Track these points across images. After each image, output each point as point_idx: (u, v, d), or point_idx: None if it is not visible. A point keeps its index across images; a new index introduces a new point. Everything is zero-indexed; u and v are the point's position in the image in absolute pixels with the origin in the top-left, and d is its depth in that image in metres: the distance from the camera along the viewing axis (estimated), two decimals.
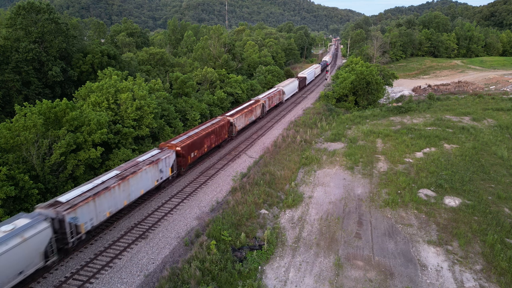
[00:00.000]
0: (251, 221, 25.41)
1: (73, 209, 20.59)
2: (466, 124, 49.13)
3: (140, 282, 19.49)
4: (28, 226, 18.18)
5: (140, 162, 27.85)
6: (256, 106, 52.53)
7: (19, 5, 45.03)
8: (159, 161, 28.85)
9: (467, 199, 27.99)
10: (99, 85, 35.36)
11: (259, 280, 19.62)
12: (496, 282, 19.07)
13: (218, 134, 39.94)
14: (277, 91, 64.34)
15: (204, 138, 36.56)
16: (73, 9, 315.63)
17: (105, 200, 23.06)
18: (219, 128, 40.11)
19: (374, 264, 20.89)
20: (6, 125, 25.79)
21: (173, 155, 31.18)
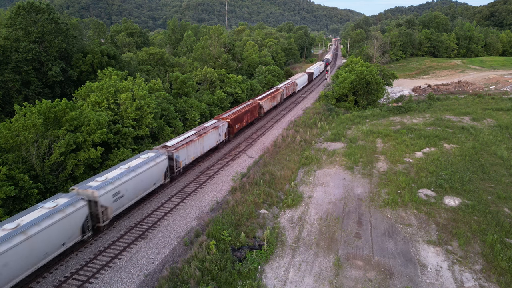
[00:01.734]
0: (250, 221, 25.40)
1: (177, 150, 31.45)
2: (466, 124, 49.14)
3: (140, 282, 19.49)
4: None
5: (207, 126, 39.20)
6: (277, 94, 63.48)
7: (19, 5, 45.04)
8: (218, 127, 39.90)
9: (467, 199, 27.99)
10: (99, 85, 35.36)
11: (258, 280, 19.61)
12: (495, 282, 19.07)
13: (252, 113, 50.83)
14: (291, 83, 75.25)
15: (244, 115, 47.28)
16: (73, 9, 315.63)
17: (191, 148, 34.02)
18: (252, 108, 50.80)
19: (374, 264, 20.89)
20: (6, 125, 25.80)
21: (226, 124, 42.12)
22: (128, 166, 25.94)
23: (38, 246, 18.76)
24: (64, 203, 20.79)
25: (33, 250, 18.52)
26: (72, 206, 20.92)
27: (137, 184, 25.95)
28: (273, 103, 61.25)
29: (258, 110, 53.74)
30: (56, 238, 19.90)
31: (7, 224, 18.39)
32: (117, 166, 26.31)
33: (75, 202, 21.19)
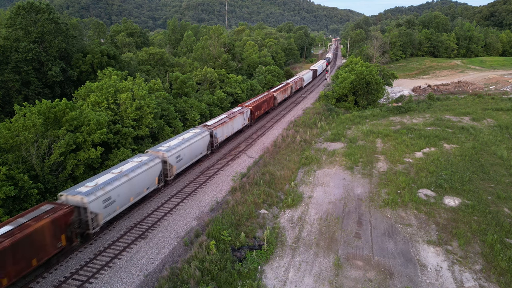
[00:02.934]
0: (250, 221, 25.40)
1: (215, 128, 39.14)
2: (466, 124, 49.14)
3: (140, 282, 19.48)
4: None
5: (235, 111, 46.69)
6: (288, 87, 71.34)
7: (19, 5, 45.02)
8: (243, 113, 47.41)
9: (467, 199, 27.99)
10: (99, 85, 35.35)
11: (258, 280, 19.61)
12: (495, 282, 19.07)
13: (268, 103, 58.80)
14: (299, 78, 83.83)
15: (262, 104, 55.21)
16: (73, 9, 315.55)
17: (225, 128, 41.45)
18: (268, 99, 58.78)
19: (374, 264, 20.89)
20: (5, 125, 25.79)
21: (249, 111, 49.83)
22: (182, 138, 34.06)
23: (135, 185, 26.11)
24: (146, 160, 28.05)
25: (132, 186, 25.85)
26: (152, 161, 28.25)
27: (192, 151, 34.33)
28: (285, 95, 69.65)
29: (273, 101, 61.62)
30: (144, 182, 27.24)
31: (113, 169, 25.83)
32: (176, 136, 34.98)
33: (154, 159, 28.66)
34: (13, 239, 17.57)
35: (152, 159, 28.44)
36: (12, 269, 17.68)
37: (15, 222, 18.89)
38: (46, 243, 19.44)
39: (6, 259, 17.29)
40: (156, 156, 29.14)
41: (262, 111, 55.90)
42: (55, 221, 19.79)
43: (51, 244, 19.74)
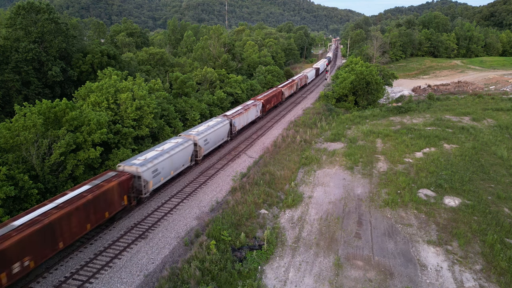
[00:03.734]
0: (251, 221, 25.40)
1: (234, 118, 43.93)
2: (466, 124, 49.14)
3: (140, 282, 19.48)
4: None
5: (249, 104, 52.10)
6: (294, 84, 76.83)
7: (19, 5, 45.03)
8: (256, 105, 52.47)
9: (467, 199, 28.00)
10: (99, 85, 35.35)
11: (259, 280, 19.61)
12: (496, 282, 19.07)
13: (277, 97, 63.50)
14: (303, 75, 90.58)
15: (272, 98, 60.21)
16: (73, 9, 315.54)
17: (241, 118, 46.26)
18: (277, 94, 63.74)
19: (374, 264, 20.89)
20: (6, 125, 25.79)
21: (261, 104, 54.71)
22: (208, 125, 39.13)
23: (172, 161, 30.50)
24: (181, 141, 32.68)
25: (173, 162, 30.56)
26: (186, 143, 33.03)
27: (216, 137, 39.23)
28: (291, 91, 75.24)
29: (281, 96, 66.43)
30: (180, 159, 31.94)
31: (156, 147, 30.63)
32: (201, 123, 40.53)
33: (187, 141, 33.60)
34: (94, 194, 22.33)
35: (186, 141, 33.44)
36: (93, 217, 22.39)
37: (91, 183, 23.53)
38: (114, 200, 24.32)
39: (89, 209, 21.97)
40: (189, 139, 34.11)
41: (272, 104, 61.14)
42: (120, 184, 24.66)
43: (117, 201, 24.63)
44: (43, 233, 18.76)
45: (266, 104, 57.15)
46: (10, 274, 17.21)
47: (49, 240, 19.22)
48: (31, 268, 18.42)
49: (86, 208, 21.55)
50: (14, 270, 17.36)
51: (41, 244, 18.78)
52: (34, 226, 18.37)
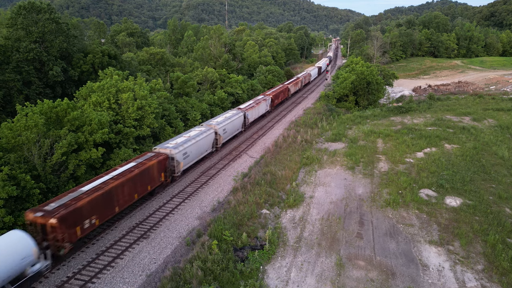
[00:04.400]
0: (252, 221, 25.42)
1: (247, 111, 48.30)
2: (467, 124, 49.17)
3: (142, 282, 19.50)
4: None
5: (259, 98, 56.08)
6: (298, 81, 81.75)
7: (20, 5, 44.98)
8: (266, 100, 57.15)
9: (468, 199, 28.02)
10: (100, 85, 35.35)
11: (260, 280, 19.63)
12: (497, 282, 19.09)
13: (284, 93, 68.27)
14: (307, 74, 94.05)
15: (279, 94, 64.64)
16: (73, 9, 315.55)
17: (253, 111, 50.89)
18: (284, 90, 68.29)
19: (376, 264, 20.91)
20: (7, 125, 25.79)
21: (270, 99, 59.22)
22: (225, 116, 43.18)
23: (198, 146, 34.91)
24: (204, 129, 37.28)
25: (198, 148, 34.97)
26: (208, 131, 37.25)
27: (232, 127, 43.46)
28: (297, 87, 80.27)
29: (287, 92, 71.22)
30: (205, 144, 36.63)
31: (184, 134, 35.30)
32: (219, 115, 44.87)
33: (209, 129, 37.84)
34: (140, 169, 26.50)
35: (208, 130, 37.66)
36: (139, 189, 26.67)
37: (135, 161, 27.73)
38: (155, 176, 28.51)
39: (137, 181, 26.16)
40: (210, 128, 38.34)
41: (280, 99, 65.67)
42: (159, 162, 28.83)
43: (157, 177, 28.86)
44: (105, 197, 23.06)
45: (275, 99, 61.88)
46: (82, 228, 21.43)
47: (109, 203, 23.55)
48: (96, 225, 22.62)
49: (134, 180, 25.81)
50: (85, 225, 21.63)
51: (104, 206, 23.04)
52: (98, 191, 22.60)
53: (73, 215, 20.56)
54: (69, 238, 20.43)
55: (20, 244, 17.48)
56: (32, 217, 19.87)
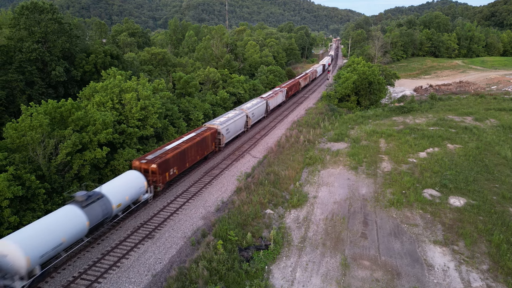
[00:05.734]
0: (256, 221, 25.46)
1: (269, 99, 57.26)
2: (469, 124, 49.18)
3: (148, 281, 19.55)
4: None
5: (277, 90, 65.45)
6: (307, 76, 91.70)
7: (23, 5, 45.01)
8: (282, 91, 66.03)
9: (472, 199, 28.05)
10: (104, 85, 35.38)
11: (266, 280, 19.67)
12: (503, 282, 19.12)
13: (296, 87, 77.99)
14: (313, 70, 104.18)
15: (292, 87, 74.48)
16: (73, 9, 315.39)
17: (273, 100, 59.45)
18: (296, 83, 78.49)
19: (381, 264, 20.94)
20: (12, 125, 25.82)
21: (285, 90, 68.00)
22: (252, 103, 51.66)
23: (235, 125, 43.21)
24: (238, 112, 45.36)
25: (236, 126, 43.24)
26: (242, 114, 45.71)
27: (258, 112, 51.70)
28: (305, 82, 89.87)
29: (298, 85, 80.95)
30: (240, 125, 44.96)
31: (223, 115, 44.02)
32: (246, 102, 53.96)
33: (242, 112, 46.17)
34: (200, 137, 35.03)
35: (241, 113, 45.98)
36: (200, 152, 35.02)
37: (195, 132, 36.53)
38: (209, 144, 37.20)
39: (198, 147, 34.56)
40: (243, 111, 46.69)
41: (293, 91, 75.21)
42: (212, 134, 37.66)
43: (210, 145, 37.66)
44: (181, 155, 31.35)
45: (289, 91, 71.05)
46: (169, 174, 29.78)
47: (183, 160, 31.85)
48: (176, 174, 30.97)
49: (197, 145, 34.17)
50: (170, 172, 29.98)
51: (180, 161, 31.34)
52: (177, 149, 31.04)
53: (164, 164, 28.72)
54: (162, 180, 28.77)
55: (138, 179, 26.31)
56: (138, 164, 27.89)
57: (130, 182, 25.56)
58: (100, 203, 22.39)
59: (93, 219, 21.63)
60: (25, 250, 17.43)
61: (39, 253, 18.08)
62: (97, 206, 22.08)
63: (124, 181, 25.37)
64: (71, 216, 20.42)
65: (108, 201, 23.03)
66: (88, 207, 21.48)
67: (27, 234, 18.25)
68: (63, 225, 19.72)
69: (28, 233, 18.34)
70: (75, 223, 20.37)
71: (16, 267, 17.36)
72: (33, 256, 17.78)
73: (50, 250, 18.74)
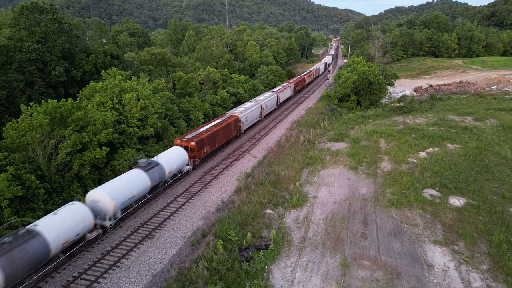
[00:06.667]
0: (256, 221, 25.46)
1: (279, 93, 63.36)
2: (469, 124, 49.18)
3: (148, 281, 19.54)
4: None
5: (285, 85, 70.33)
6: (311, 74, 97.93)
7: (23, 5, 45.02)
8: (290, 86, 71.68)
9: (472, 199, 28.05)
10: (104, 85, 35.39)
11: (266, 280, 19.67)
12: (503, 282, 19.12)
13: (301, 83, 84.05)
14: (316, 68, 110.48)
15: (298, 83, 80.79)
16: (73, 9, 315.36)
17: (283, 94, 65.25)
18: (302, 80, 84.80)
19: (381, 264, 20.94)
20: (12, 125, 25.85)
21: (293, 85, 73.85)
22: (265, 96, 58.18)
23: (252, 114, 48.91)
24: (254, 104, 51.07)
25: (253, 115, 48.89)
26: (257, 105, 51.21)
27: (270, 104, 57.89)
28: (310, 79, 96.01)
29: (304, 82, 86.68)
30: (256, 114, 50.45)
31: (241, 105, 50.02)
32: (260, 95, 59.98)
33: (257, 104, 51.56)
34: (226, 122, 41.00)
35: (257, 104, 51.76)
36: (225, 136, 40.93)
37: (220, 119, 41.95)
38: (232, 129, 43.05)
39: (224, 131, 40.48)
40: (257, 103, 52.28)
41: (299, 87, 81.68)
42: (234, 121, 43.50)
43: (233, 130, 43.49)
44: (212, 136, 37.46)
45: (296, 86, 77.17)
46: (203, 151, 35.78)
47: (213, 140, 37.85)
48: (208, 152, 37.05)
49: (223, 129, 40.00)
50: (205, 150, 36.02)
51: (211, 142, 37.38)
52: (209, 132, 37.06)
53: (201, 142, 34.84)
54: (199, 156, 34.85)
55: (182, 153, 32.31)
56: (180, 141, 34.18)
57: (176, 155, 31.45)
58: (157, 168, 28.15)
59: (153, 180, 27.42)
60: (112, 197, 23.10)
61: (120, 200, 23.85)
62: (155, 171, 27.89)
63: (172, 154, 31.19)
64: (139, 176, 26.24)
65: (163, 168, 28.81)
66: (149, 171, 27.19)
67: (111, 186, 23.98)
68: (134, 182, 25.59)
69: (111, 186, 24.04)
70: (142, 182, 26.25)
71: (106, 210, 23.05)
72: (117, 202, 23.57)
73: (127, 200, 24.65)
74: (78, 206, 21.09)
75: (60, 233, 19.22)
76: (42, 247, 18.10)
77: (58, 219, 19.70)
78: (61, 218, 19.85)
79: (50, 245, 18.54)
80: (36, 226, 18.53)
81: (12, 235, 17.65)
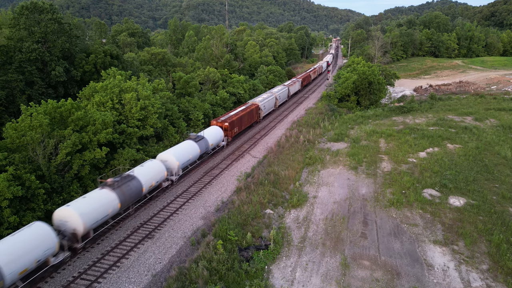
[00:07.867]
0: (256, 221, 25.46)
1: (290, 86, 72.10)
2: (469, 124, 49.19)
3: (148, 281, 19.55)
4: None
5: (294, 80, 79.81)
6: (315, 70, 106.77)
7: (22, 5, 44.98)
8: (299, 81, 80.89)
9: (472, 199, 28.06)
10: (103, 85, 35.36)
11: (266, 279, 19.67)
12: (503, 282, 19.13)
13: (307, 79, 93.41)
14: (319, 66, 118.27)
15: (305, 78, 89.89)
16: (73, 9, 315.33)
17: (292, 88, 73.70)
18: (307, 76, 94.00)
19: (381, 263, 20.95)
20: (12, 125, 25.81)
21: (300, 80, 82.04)
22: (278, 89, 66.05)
23: (269, 104, 57.68)
24: (269, 95, 59.25)
25: (269, 104, 57.81)
26: (272, 96, 59.45)
27: (282, 96, 65.86)
28: (314, 75, 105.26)
29: (309, 77, 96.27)
30: (271, 103, 59.26)
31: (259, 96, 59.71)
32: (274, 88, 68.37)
33: (272, 95, 59.86)
34: (250, 108, 49.02)
35: (272, 95, 59.38)
36: (249, 120, 48.70)
37: (244, 106, 49.55)
38: (254, 115, 50.71)
39: (248, 116, 48.47)
40: (272, 94, 59.95)
41: (306, 82, 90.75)
42: (256, 108, 51.34)
43: (255, 116, 51.46)
44: (240, 119, 45.00)
45: (303, 81, 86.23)
46: (234, 131, 43.56)
47: (240, 123, 45.37)
48: (237, 132, 44.94)
49: (248, 114, 47.66)
50: (235, 130, 43.73)
51: (239, 124, 45.06)
52: (238, 115, 44.80)
53: (232, 124, 42.67)
54: (231, 134, 42.64)
55: (219, 131, 40.21)
56: (215, 122, 41.97)
57: (216, 132, 39.41)
58: (204, 141, 36.24)
59: (201, 149, 35.26)
60: (176, 158, 31.02)
61: (182, 161, 31.71)
62: (202, 142, 35.87)
63: (213, 131, 39.11)
64: (192, 145, 34.16)
65: (207, 141, 36.91)
66: (198, 142, 35.00)
67: (175, 150, 31.98)
68: (189, 150, 33.42)
69: (175, 150, 31.95)
70: (194, 150, 34.06)
71: (172, 167, 30.88)
72: (180, 162, 31.29)
73: (186, 161, 32.57)
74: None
75: (148, 178, 27.28)
76: (139, 186, 26.13)
77: (145, 170, 27.64)
78: (147, 169, 28.00)
79: (143, 185, 26.57)
80: (133, 172, 26.59)
81: (119, 177, 25.23)
